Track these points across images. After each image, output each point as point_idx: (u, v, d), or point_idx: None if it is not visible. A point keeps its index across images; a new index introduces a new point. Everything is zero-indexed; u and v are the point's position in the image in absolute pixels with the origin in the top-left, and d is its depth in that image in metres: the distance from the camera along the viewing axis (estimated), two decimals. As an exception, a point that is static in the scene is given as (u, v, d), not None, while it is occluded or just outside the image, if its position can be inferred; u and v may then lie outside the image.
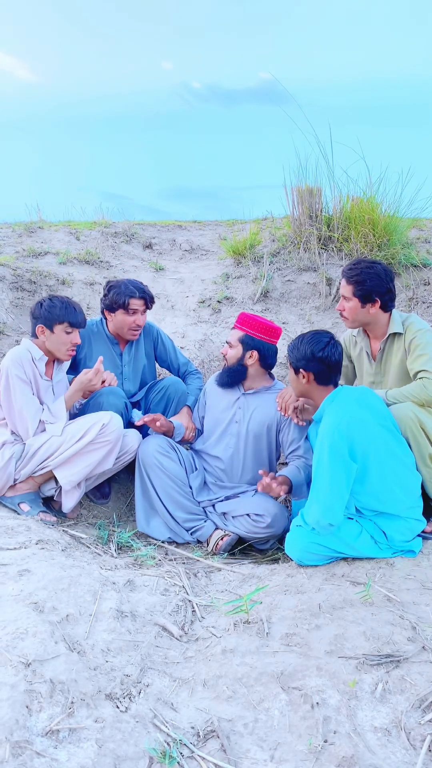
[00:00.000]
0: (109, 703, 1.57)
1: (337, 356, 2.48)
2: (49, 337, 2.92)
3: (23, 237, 5.66)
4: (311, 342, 2.47)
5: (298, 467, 2.95)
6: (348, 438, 2.27)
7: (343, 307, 2.86)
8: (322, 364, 2.46)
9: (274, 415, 3.05)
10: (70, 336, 2.94)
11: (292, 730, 1.50)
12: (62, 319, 2.90)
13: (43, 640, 1.70)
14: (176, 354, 3.61)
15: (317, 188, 5.22)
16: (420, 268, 4.83)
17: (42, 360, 2.95)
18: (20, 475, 2.86)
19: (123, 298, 3.22)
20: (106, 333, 3.38)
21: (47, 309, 2.90)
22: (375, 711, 1.55)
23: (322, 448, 2.29)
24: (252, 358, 3.06)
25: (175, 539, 3.00)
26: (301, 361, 2.48)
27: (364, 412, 2.38)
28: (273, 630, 1.92)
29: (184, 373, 3.58)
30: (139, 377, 3.50)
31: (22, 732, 1.38)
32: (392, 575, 2.22)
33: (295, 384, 2.58)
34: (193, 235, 6.47)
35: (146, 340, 3.52)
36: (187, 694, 1.68)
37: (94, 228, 6.06)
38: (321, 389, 2.51)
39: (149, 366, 3.56)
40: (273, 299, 4.98)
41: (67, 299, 2.97)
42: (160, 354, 3.58)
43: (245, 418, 3.10)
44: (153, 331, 3.55)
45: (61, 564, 2.19)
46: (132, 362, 3.45)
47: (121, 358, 3.41)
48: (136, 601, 2.09)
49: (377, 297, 2.77)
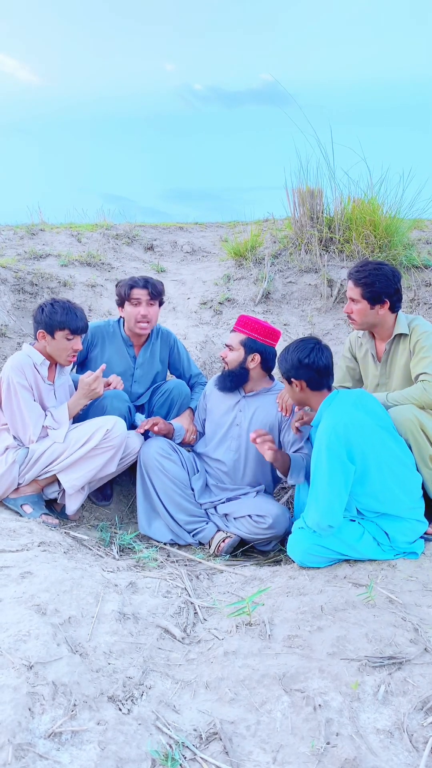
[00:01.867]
0: (111, 706, 1.57)
1: (324, 360, 2.49)
2: (50, 342, 2.91)
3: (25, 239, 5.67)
4: (296, 350, 2.49)
5: (302, 456, 2.95)
6: (345, 440, 2.28)
7: (351, 309, 2.85)
8: (310, 370, 2.47)
9: (276, 416, 3.05)
10: (71, 342, 2.92)
11: (294, 732, 1.50)
12: (63, 325, 2.87)
13: (45, 642, 1.70)
14: (189, 364, 3.60)
15: (318, 189, 5.23)
16: (421, 269, 4.84)
17: (44, 365, 2.94)
18: (24, 479, 2.87)
19: (125, 289, 3.23)
20: (122, 334, 3.36)
21: (48, 315, 2.88)
22: (377, 713, 1.55)
23: (320, 451, 2.30)
24: (254, 362, 3.05)
25: (176, 541, 3.00)
26: (291, 370, 2.50)
27: (361, 413, 2.38)
28: (275, 632, 1.92)
29: (194, 384, 3.56)
30: (150, 381, 3.48)
31: (25, 734, 1.38)
32: (394, 577, 2.22)
33: (292, 394, 2.60)
34: (195, 236, 6.48)
35: (162, 346, 3.49)
36: (189, 696, 1.68)
37: (95, 230, 6.07)
38: (316, 395, 2.52)
39: (162, 372, 3.54)
40: (274, 301, 4.99)
41: (70, 304, 2.94)
42: (174, 362, 3.57)
43: (246, 420, 3.09)
44: (170, 339, 3.54)
45: (64, 566, 2.19)
46: (145, 365, 3.43)
47: (134, 361, 3.40)
48: (138, 603, 2.10)
49: (386, 298, 2.77)
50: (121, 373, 3.30)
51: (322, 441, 2.30)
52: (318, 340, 2.54)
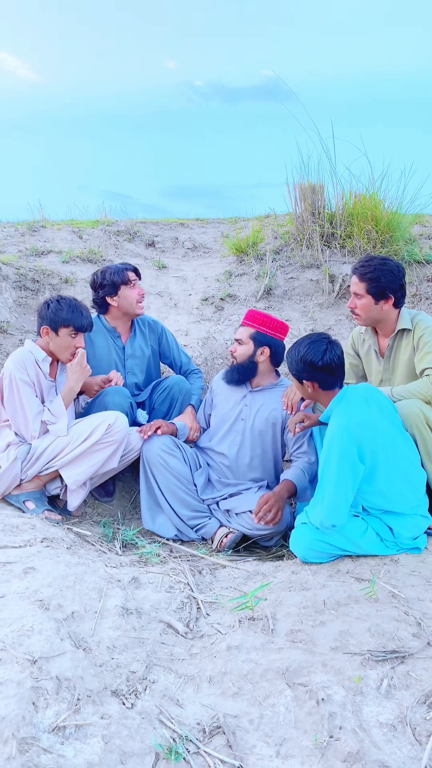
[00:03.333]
0: (115, 700, 1.57)
1: (337, 359, 2.43)
2: (53, 339, 2.91)
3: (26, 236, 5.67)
4: (309, 352, 2.41)
5: (303, 469, 2.95)
6: (357, 440, 2.26)
7: (355, 304, 2.84)
8: (324, 372, 2.42)
9: (280, 412, 3.06)
10: (75, 340, 2.92)
11: (297, 726, 1.51)
12: (68, 323, 2.87)
13: (48, 637, 1.71)
14: (179, 351, 3.63)
15: (320, 185, 5.21)
16: (423, 264, 4.83)
17: (46, 361, 2.94)
18: (26, 476, 2.87)
19: (119, 275, 3.30)
20: (106, 327, 3.39)
21: (54, 311, 2.87)
22: (380, 707, 1.55)
23: (331, 450, 2.28)
24: (263, 355, 3.06)
25: (180, 537, 3.01)
26: (303, 373, 2.45)
27: (372, 410, 2.37)
28: (278, 626, 1.92)
29: (186, 371, 3.58)
30: (145, 371, 3.50)
31: (29, 729, 1.39)
32: (397, 571, 2.22)
33: (302, 391, 2.56)
34: (196, 233, 6.47)
35: (151, 335, 3.52)
36: (192, 691, 1.68)
37: (96, 226, 6.06)
38: (328, 393, 2.49)
39: (154, 361, 3.57)
40: (276, 296, 4.98)
41: (75, 301, 2.93)
42: (164, 350, 3.59)
43: (251, 415, 3.10)
44: (158, 327, 3.56)
45: (67, 562, 2.20)
46: (135, 355, 3.45)
47: (123, 351, 3.42)
48: (141, 598, 2.10)
49: (390, 294, 2.76)
50: (112, 365, 3.35)
51: (333, 440, 2.28)
52: (329, 338, 2.47)
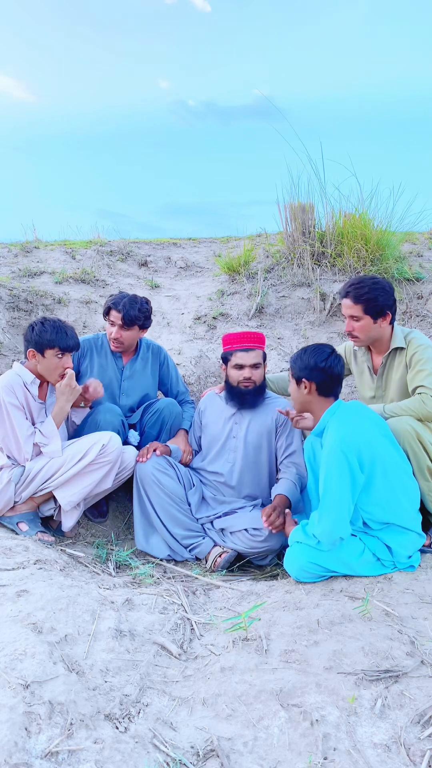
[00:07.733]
0: (108, 724, 1.56)
1: (339, 369, 2.51)
2: (40, 361, 2.90)
3: (19, 257, 5.70)
4: (314, 353, 2.51)
5: (293, 481, 2.97)
6: (356, 449, 2.30)
7: (353, 327, 2.84)
8: (324, 374, 2.48)
9: (272, 421, 3.09)
10: (62, 360, 2.91)
11: (291, 748, 1.50)
12: (53, 344, 2.87)
13: (41, 660, 1.70)
14: (178, 381, 3.64)
15: (310, 205, 5.28)
16: (413, 282, 4.88)
17: (34, 383, 2.94)
18: (21, 498, 2.86)
19: (106, 306, 3.32)
20: (109, 346, 3.41)
21: (38, 333, 2.87)
22: (374, 727, 1.55)
23: (330, 463, 2.30)
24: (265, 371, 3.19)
25: (174, 557, 3.00)
26: (304, 370, 2.51)
27: (367, 422, 2.41)
28: (272, 647, 1.92)
29: (180, 401, 3.58)
30: (140, 395, 3.49)
31: (21, 754, 1.38)
32: (390, 590, 2.23)
33: (296, 395, 2.60)
34: (188, 252, 6.53)
35: (153, 360, 3.53)
36: (186, 713, 1.67)
37: (89, 247, 6.10)
38: (322, 401, 2.52)
39: (153, 386, 3.56)
40: (268, 315, 5.02)
41: (60, 322, 2.93)
42: (163, 377, 3.59)
43: (242, 431, 3.12)
44: (161, 354, 3.57)
45: (60, 584, 2.19)
46: (133, 377, 3.45)
47: (121, 373, 3.43)
48: (134, 620, 2.09)
49: (388, 310, 2.80)
50: (109, 384, 3.35)
51: (332, 452, 2.30)
52: (333, 348, 2.56)
